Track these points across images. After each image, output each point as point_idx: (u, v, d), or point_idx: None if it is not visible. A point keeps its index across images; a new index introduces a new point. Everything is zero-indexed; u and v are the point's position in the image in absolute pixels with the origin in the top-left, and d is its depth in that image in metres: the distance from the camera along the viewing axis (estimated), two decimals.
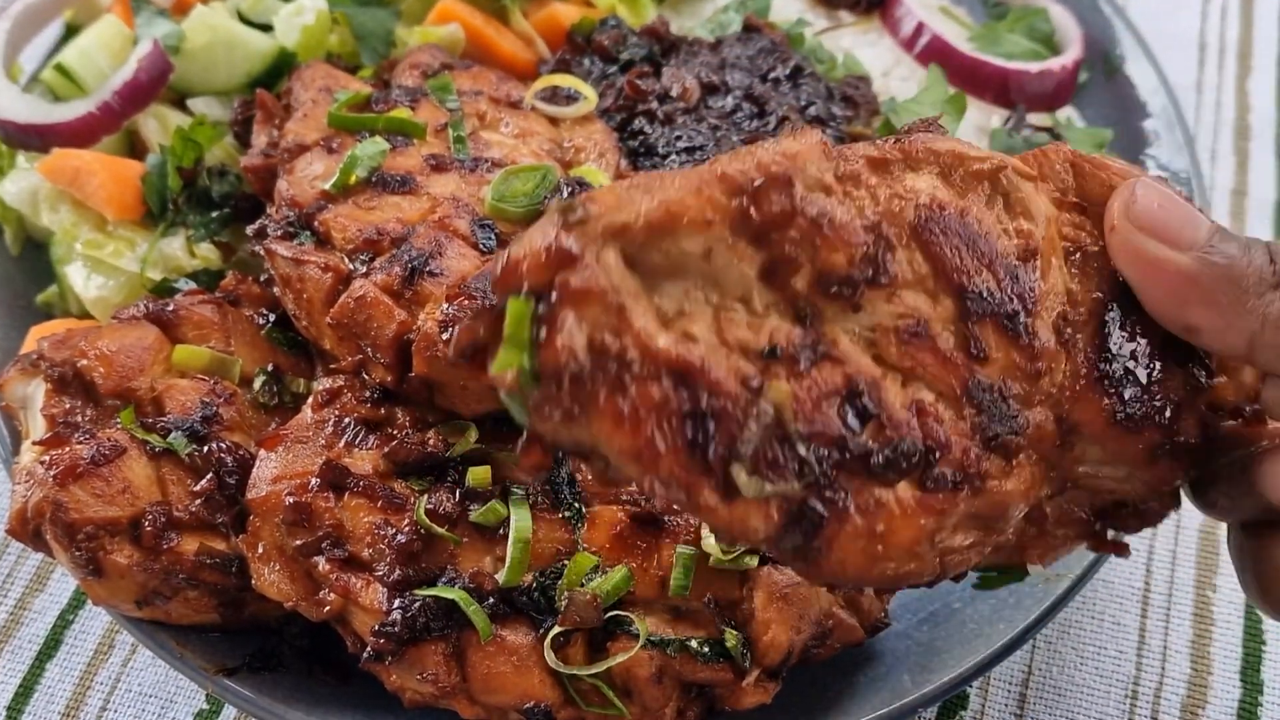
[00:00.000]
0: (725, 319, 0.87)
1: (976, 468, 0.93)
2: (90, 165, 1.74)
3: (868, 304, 0.91)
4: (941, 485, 0.91)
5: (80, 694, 1.60)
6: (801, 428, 0.86)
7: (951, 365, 0.93)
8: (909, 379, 0.93)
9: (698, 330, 0.86)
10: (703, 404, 0.83)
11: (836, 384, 0.88)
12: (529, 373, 0.83)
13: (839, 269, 0.90)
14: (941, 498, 0.91)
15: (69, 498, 1.33)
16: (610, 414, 0.81)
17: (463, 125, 1.66)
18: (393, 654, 1.29)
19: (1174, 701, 1.56)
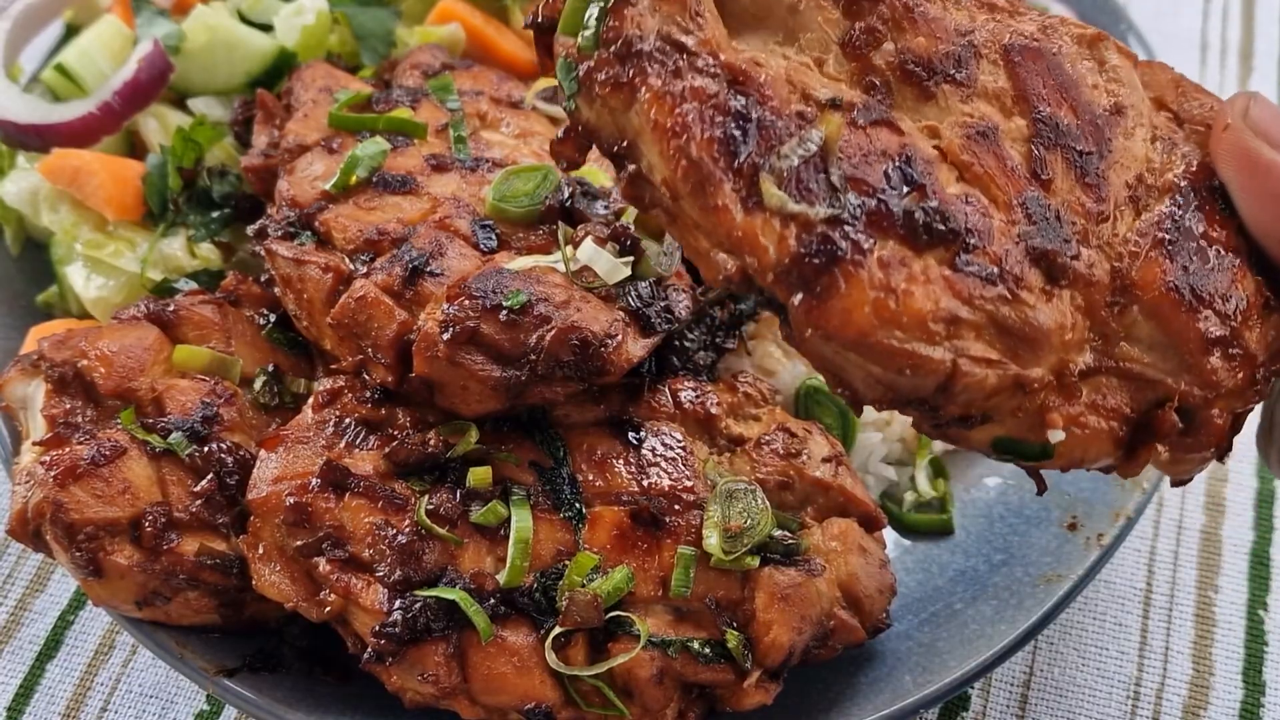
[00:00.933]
0: (798, 69, 0.89)
1: (1015, 271, 0.89)
2: (90, 165, 1.75)
3: (941, 97, 0.92)
4: (972, 271, 0.87)
5: (80, 694, 1.61)
6: (844, 168, 0.85)
7: (1013, 175, 0.92)
8: (965, 175, 0.91)
9: (768, 66, 0.88)
10: (750, 110, 0.84)
11: (891, 147, 0.88)
12: (593, 35, 0.85)
13: (922, 52, 0.91)
14: (970, 283, 0.87)
15: (69, 498, 1.34)
16: (657, 90, 0.82)
17: (463, 125, 1.66)
18: (393, 655, 1.29)
19: (1176, 703, 1.56)
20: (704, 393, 1.50)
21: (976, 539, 1.62)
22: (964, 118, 0.92)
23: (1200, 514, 1.74)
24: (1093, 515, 1.54)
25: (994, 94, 0.93)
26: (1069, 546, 1.52)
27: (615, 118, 0.85)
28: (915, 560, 1.62)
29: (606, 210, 1.55)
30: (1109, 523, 1.52)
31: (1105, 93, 0.97)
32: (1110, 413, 0.95)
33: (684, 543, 1.35)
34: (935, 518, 1.65)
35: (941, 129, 0.91)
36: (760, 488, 1.40)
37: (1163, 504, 1.76)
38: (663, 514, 1.36)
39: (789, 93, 0.87)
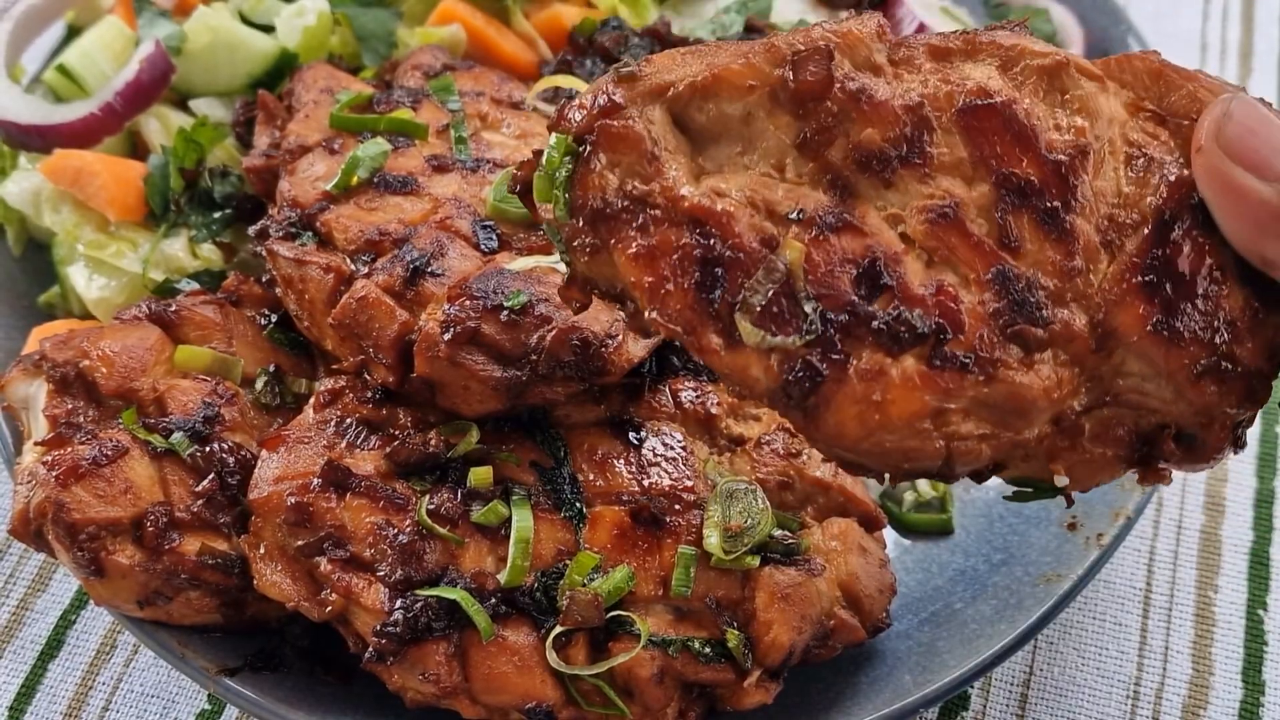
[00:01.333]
0: (759, 182, 0.92)
1: (990, 353, 0.92)
2: (92, 166, 1.75)
3: (900, 182, 0.93)
4: (949, 364, 0.91)
5: (82, 694, 1.61)
6: (811, 288, 0.90)
7: (980, 250, 0.93)
8: (933, 260, 0.93)
9: (729, 187, 0.92)
10: (716, 251, 0.89)
11: (855, 252, 0.91)
12: (564, 205, 0.92)
13: (873, 144, 0.92)
14: (947, 376, 0.91)
15: (71, 498, 1.34)
16: (629, 250, 0.89)
17: (464, 126, 1.66)
18: (394, 654, 1.29)
19: (1175, 702, 1.56)
20: (704, 393, 1.50)
21: (976, 539, 1.62)
22: (925, 200, 0.93)
23: (1200, 514, 1.74)
24: (1092, 515, 1.54)
25: (953, 165, 0.94)
26: (1068, 546, 1.52)
27: (602, 270, 0.93)
28: (915, 560, 1.62)
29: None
30: (1108, 522, 1.52)
31: (1069, 131, 0.96)
32: (1114, 442, 0.97)
33: (684, 542, 1.35)
34: (935, 517, 1.65)
35: (905, 215, 0.94)
36: (760, 487, 1.40)
37: (1162, 504, 1.76)
38: (663, 514, 1.36)
39: (752, 217, 0.91)
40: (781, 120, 0.93)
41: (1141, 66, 1.00)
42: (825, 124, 0.92)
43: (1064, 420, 0.96)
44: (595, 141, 0.90)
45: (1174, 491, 1.76)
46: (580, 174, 0.91)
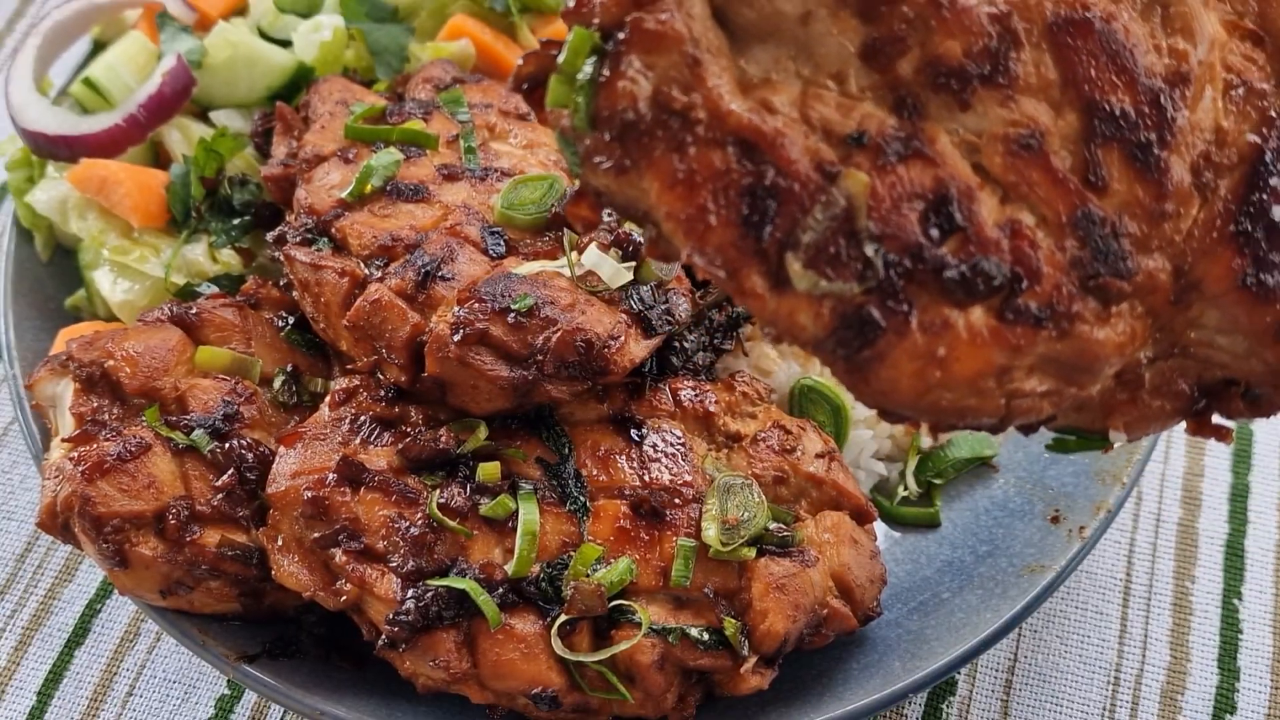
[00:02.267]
0: (813, 94, 0.77)
1: (1067, 306, 0.80)
2: (117, 175, 1.77)
3: (979, 104, 0.79)
4: (1022, 318, 0.78)
5: (107, 679, 1.63)
6: (873, 226, 0.75)
7: (1062, 188, 0.80)
8: (1010, 196, 0.80)
9: (780, 101, 0.76)
10: (767, 180, 0.73)
11: (924, 186, 0.77)
12: (585, 114, 0.75)
13: (951, 58, 0.77)
14: (1020, 331, 0.78)
15: (96, 492, 1.36)
16: (664, 174, 0.73)
17: (473, 136, 1.68)
18: (406, 641, 1.31)
19: (1154, 687, 1.57)
20: (703, 392, 1.52)
21: (963, 531, 1.63)
22: (1006, 127, 0.79)
23: (1178, 507, 1.75)
24: (1075, 508, 1.55)
25: (1039, 88, 0.79)
26: (1051, 538, 1.53)
27: (626, 190, 0.77)
28: (904, 551, 1.63)
29: (610, 217, 1.56)
30: (1090, 515, 1.53)
31: (1169, 55, 0.82)
32: (1175, 395, 0.88)
33: (684, 535, 1.36)
34: (923, 511, 1.66)
35: (981, 143, 0.79)
36: (756, 482, 1.42)
37: (1142, 498, 1.76)
38: (663, 507, 1.38)
39: (807, 138, 0.75)
40: (847, 22, 0.76)
41: None
42: (898, 31, 0.76)
43: (1127, 373, 0.86)
44: (627, 39, 0.72)
45: (1153, 486, 1.77)
46: (608, 78, 0.73)
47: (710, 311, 1.63)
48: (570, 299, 1.44)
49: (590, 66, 0.75)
